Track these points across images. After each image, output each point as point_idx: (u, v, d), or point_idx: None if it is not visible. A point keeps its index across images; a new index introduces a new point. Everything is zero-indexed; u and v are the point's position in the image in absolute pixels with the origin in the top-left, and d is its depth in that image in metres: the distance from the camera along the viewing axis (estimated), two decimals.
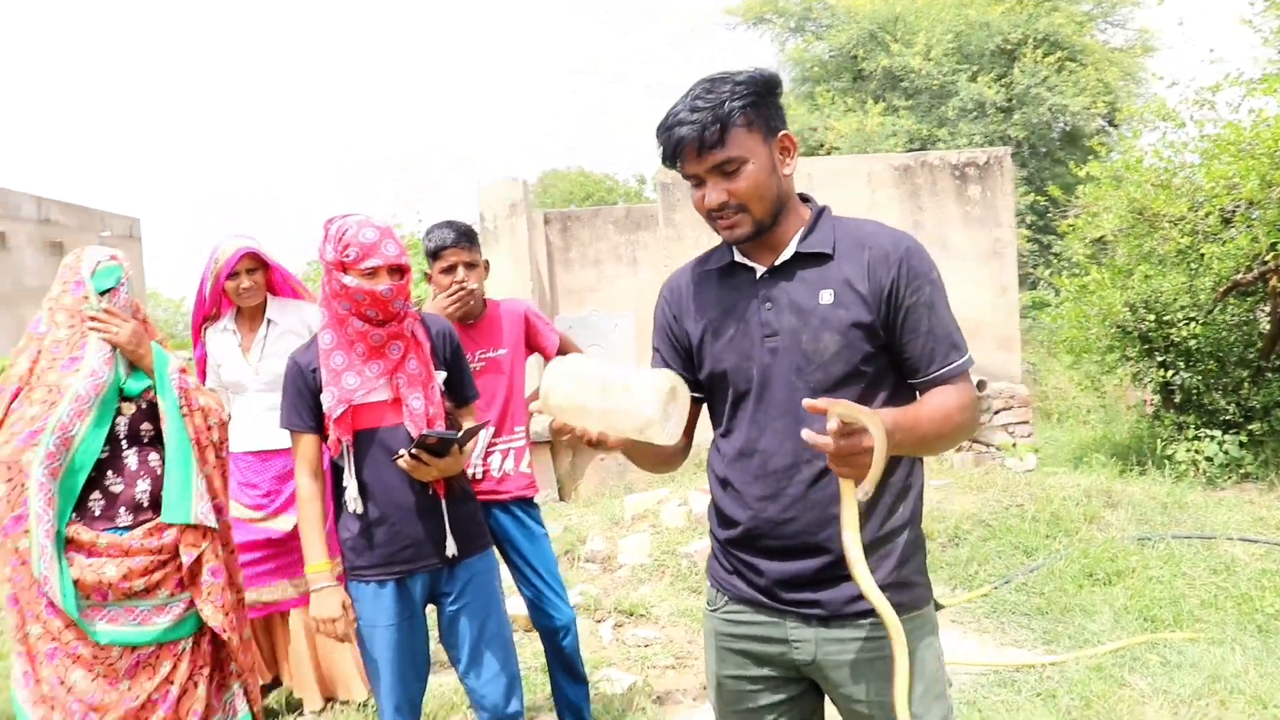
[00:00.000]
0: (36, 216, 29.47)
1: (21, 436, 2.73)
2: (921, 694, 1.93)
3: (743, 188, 1.85)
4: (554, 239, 9.68)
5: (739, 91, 1.83)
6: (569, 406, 1.78)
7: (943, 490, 6.22)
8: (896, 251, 1.88)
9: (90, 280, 2.88)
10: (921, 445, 1.84)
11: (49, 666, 2.74)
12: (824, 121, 18.58)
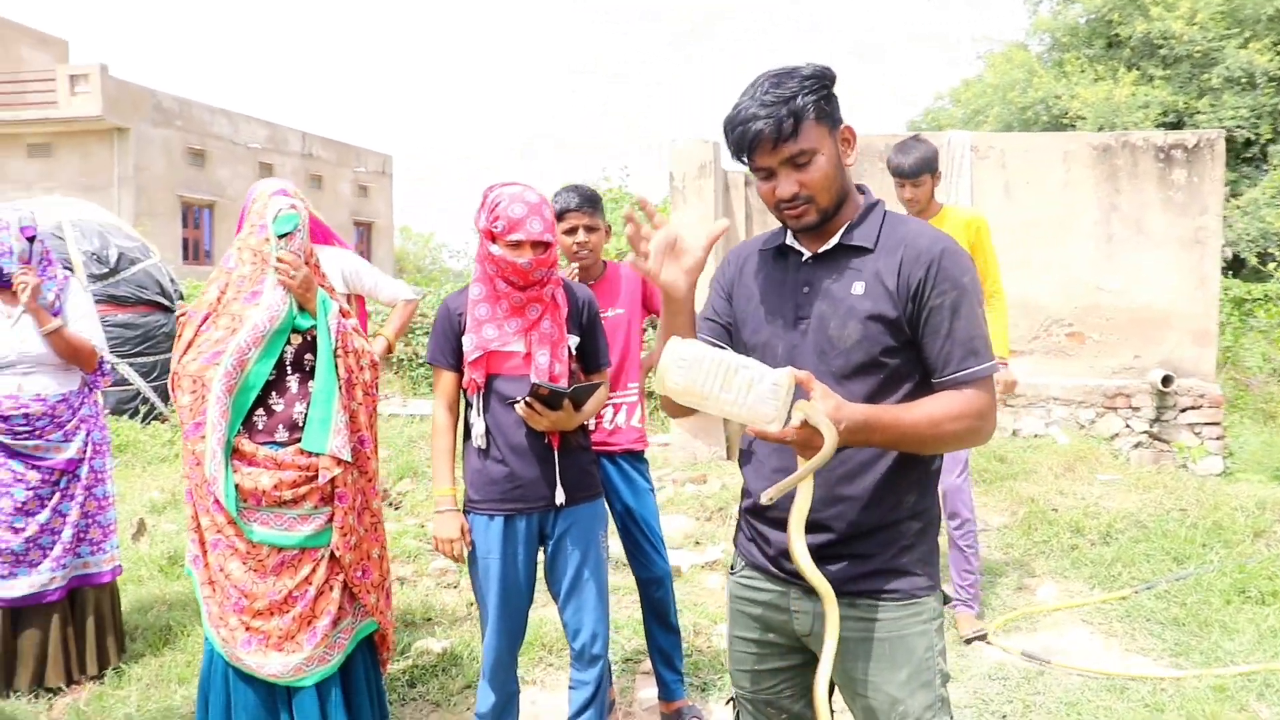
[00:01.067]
0: (300, 151, 31.99)
1: (206, 355, 3.17)
2: (906, 679, 1.99)
3: (813, 179, 1.92)
4: (754, 200, 9.78)
5: (808, 85, 1.90)
6: (685, 390, 1.82)
7: (1106, 486, 6.03)
8: (930, 253, 1.93)
9: (271, 225, 3.26)
10: (903, 445, 1.91)
11: (214, 554, 3.19)
12: (1069, 90, 17.65)
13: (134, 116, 25.24)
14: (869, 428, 1.79)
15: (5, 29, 27.68)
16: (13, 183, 25.37)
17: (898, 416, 1.85)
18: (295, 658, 3.14)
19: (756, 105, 1.89)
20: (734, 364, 1.79)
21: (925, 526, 2.03)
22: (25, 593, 3.86)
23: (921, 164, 4.28)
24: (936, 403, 1.90)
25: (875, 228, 2.00)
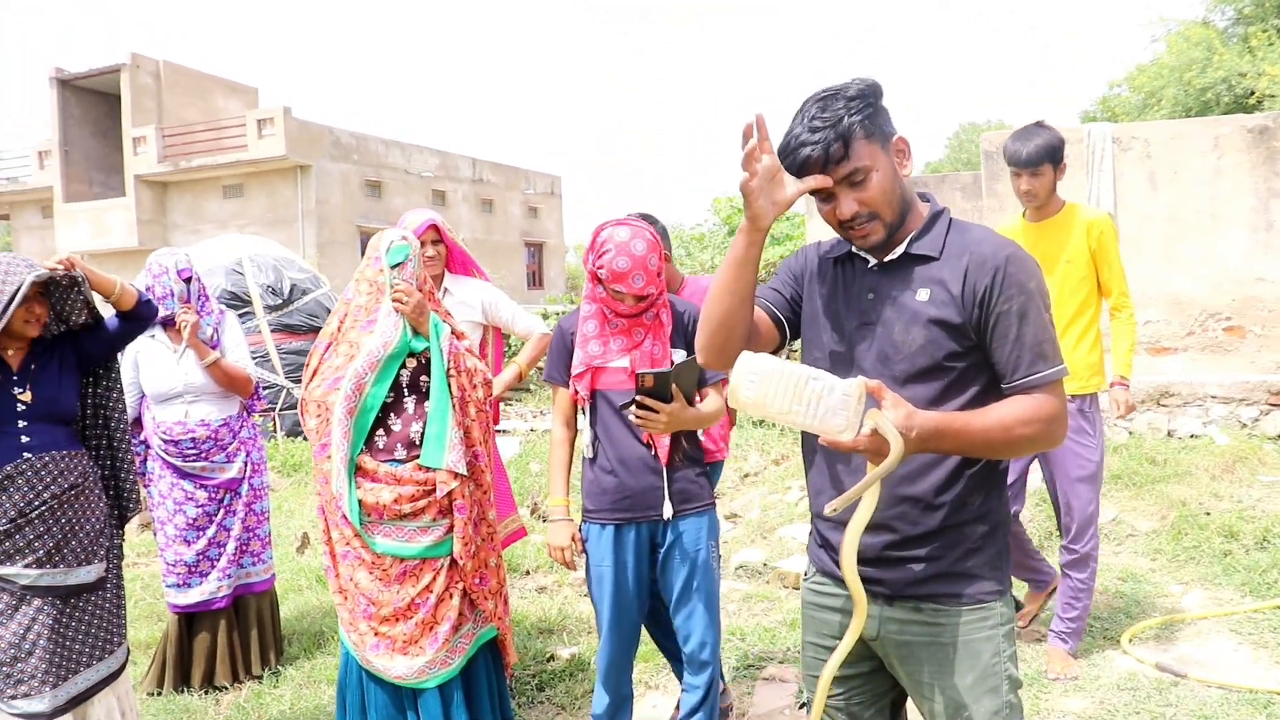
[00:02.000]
0: (471, 176, 33.25)
1: (329, 381, 3.46)
2: (972, 684, 2.01)
3: (871, 196, 1.95)
4: None
5: (854, 106, 1.93)
6: (756, 404, 1.85)
7: (1268, 489, 5.71)
8: (995, 259, 1.95)
9: (385, 256, 3.53)
10: (974, 450, 1.93)
11: (344, 565, 3.46)
12: (1255, 67, 16.64)
13: (314, 153, 26.78)
14: (940, 434, 1.83)
15: (204, 81, 29.89)
16: (210, 221, 27.36)
17: (968, 423, 1.87)
18: (419, 661, 3.38)
19: (805, 130, 1.94)
20: (804, 376, 1.81)
21: (993, 529, 2.05)
22: (197, 600, 4.27)
23: (1042, 152, 3.90)
24: (1006, 407, 1.91)
25: (941, 236, 2.03)
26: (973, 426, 1.87)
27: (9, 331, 3.21)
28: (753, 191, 1.96)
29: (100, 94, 28.44)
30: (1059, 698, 3.81)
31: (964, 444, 1.88)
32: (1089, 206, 4.30)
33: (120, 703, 3.43)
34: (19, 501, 3.19)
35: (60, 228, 28.17)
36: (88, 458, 3.44)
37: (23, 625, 3.17)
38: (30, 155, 29.52)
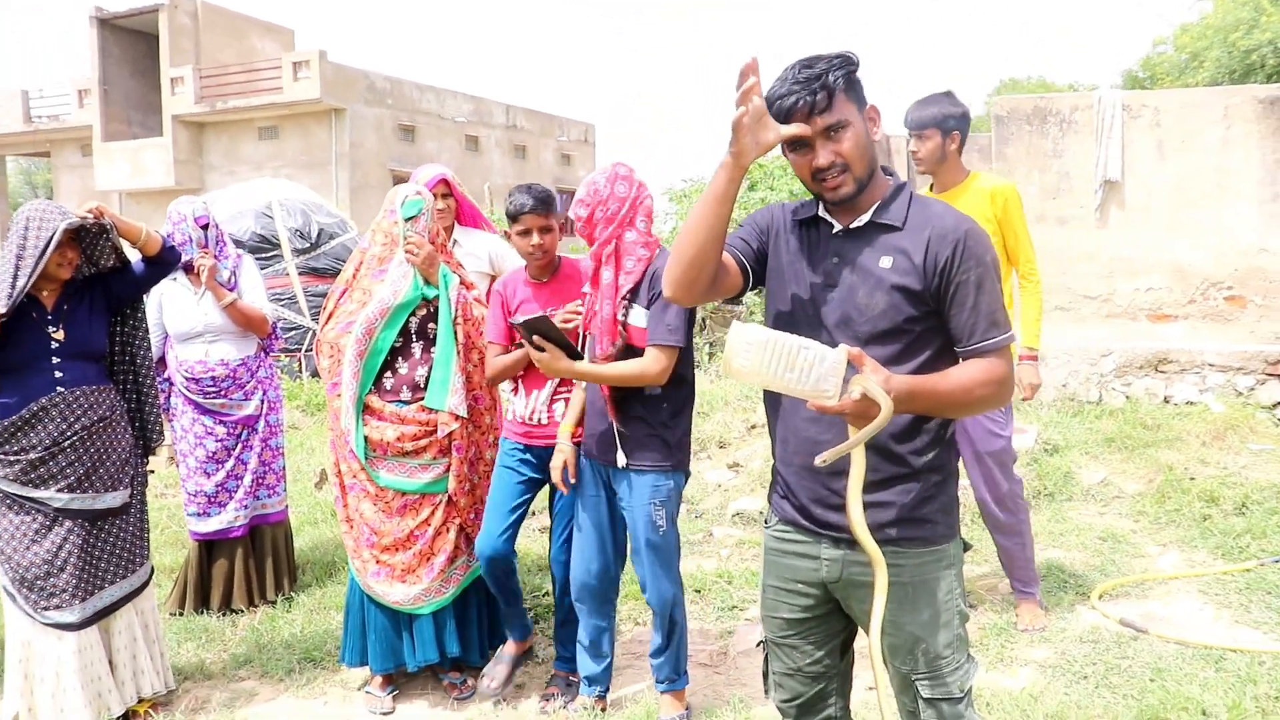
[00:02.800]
0: (505, 122, 33.30)
1: (341, 325, 3.71)
2: (928, 619, 2.18)
3: (847, 148, 2.09)
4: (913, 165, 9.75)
5: (836, 64, 2.08)
6: (752, 372, 1.96)
7: (1256, 456, 5.85)
8: (956, 233, 2.11)
9: (400, 210, 3.74)
10: (940, 410, 2.11)
11: (351, 495, 3.73)
12: None
13: (349, 97, 26.93)
14: (912, 395, 1.97)
15: (239, 22, 30.02)
16: (246, 163, 27.65)
17: (936, 385, 2.04)
18: (415, 589, 3.66)
19: (791, 83, 2.08)
20: (795, 345, 1.94)
21: (944, 479, 2.22)
22: (215, 528, 4.56)
23: (930, 119, 3.93)
24: (965, 371, 2.09)
25: (904, 208, 2.17)
26: (940, 388, 2.04)
27: (44, 274, 3.45)
28: (743, 128, 2.04)
29: (139, 34, 28.66)
30: (1024, 648, 4.01)
31: (931, 404, 2.05)
32: (992, 174, 4.14)
33: (142, 617, 3.72)
34: (52, 431, 3.45)
35: (99, 166, 28.57)
36: (115, 392, 3.69)
37: (55, 544, 3.45)
38: (70, 93, 29.86)
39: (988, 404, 2.14)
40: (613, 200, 3.30)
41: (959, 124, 3.95)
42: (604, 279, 3.34)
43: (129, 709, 3.62)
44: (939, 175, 4.01)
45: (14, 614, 3.51)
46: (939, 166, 3.98)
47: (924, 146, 3.95)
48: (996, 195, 3.93)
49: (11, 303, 3.32)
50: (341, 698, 3.85)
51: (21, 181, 48.60)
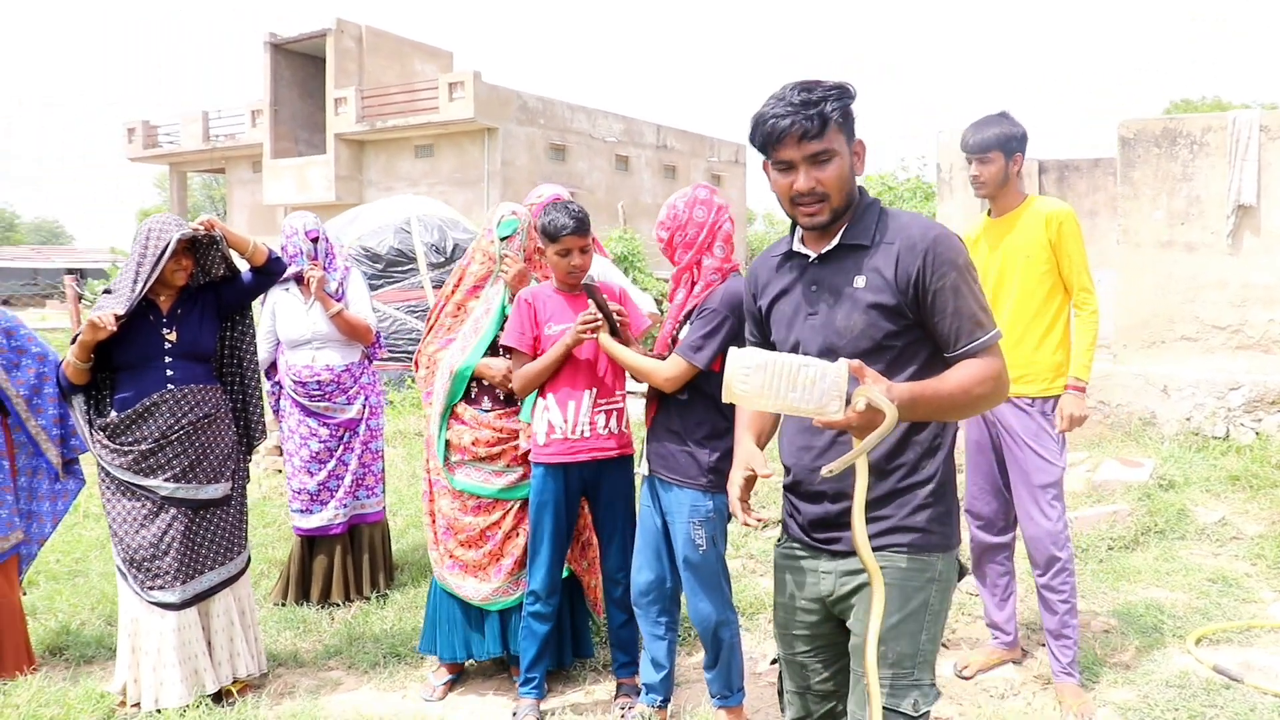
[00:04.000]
0: (655, 142, 33.73)
1: (441, 340, 3.98)
2: (895, 623, 2.16)
3: (829, 177, 2.13)
4: (1049, 188, 9.48)
5: (833, 94, 2.11)
6: (755, 394, 1.96)
7: None
8: (923, 242, 2.13)
9: (496, 229, 3.94)
10: (942, 413, 2.13)
11: (435, 490, 3.96)
12: None
13: (502, 116, 27.72)
14: (914, 401, 2.00)
15: (401, 45, 31.34)
16: (402, 179, 28.79)
17: (936, 388, 2.06)
18: (486, 586, 3.87)
19: (785, 106, 2.10)
20: (795, 364, 1.96)
21: (939, 489, 2.22)
22: (317, 525, 4.82)
23: (992, 140, 3.78)
24: (961, 372, 2.11)
25: (871, 225, 2.20)
26: (941, 391, 2.06)
27: (161, 280, 3.75)
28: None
29: (308, 57, 30.27)
30: (1105, 687, 3.88)
31: (933, 408, 2.07)
32: (1049, 198, 3.98)
33: (239, 603, 3.97)
34: (161, 425, 3.73)
35: (267, 182, 30.25)
36: (221, 391, 3.97)
37: (160, 529, 3.73)
38: (244, 114, 31.72)
39: (988, 401, 2.16)
40: (691, 226, 3.35)
41: (1020, 145, 3.83)
42: (676, 299, 3.43)
43: (223, 688, 3.86)
44: (999, 199, 3.87)
45: (125, 592, 3.80)
46: (1000, 190, 3.86)
47: (986, 170, 3.82)
48: (1052, 219, 3.79)
49: (129, 305, 3.62)
50: (420, 691, 4.02)
51: (203, 196, 51.78)
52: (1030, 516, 3.81)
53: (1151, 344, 7.24)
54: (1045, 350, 3.80)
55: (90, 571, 5.49)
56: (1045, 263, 3.77)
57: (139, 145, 34.44)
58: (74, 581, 5.27)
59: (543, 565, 3.66)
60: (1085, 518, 5.55)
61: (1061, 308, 3.84)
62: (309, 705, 3.81)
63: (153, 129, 34.45)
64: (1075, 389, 3.82)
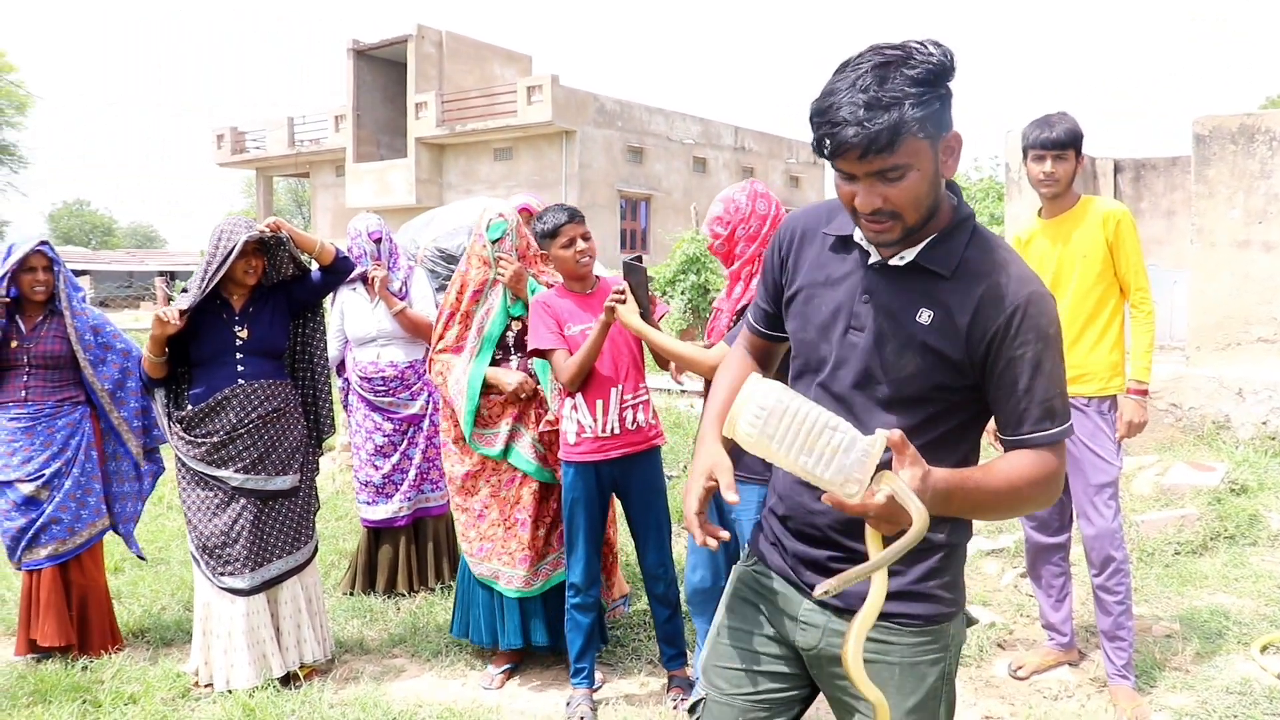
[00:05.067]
0: (733, 144, 33.69)
1: (450, 346, 4.09)
2: (911, 708, 1.86)
3: (901, 196, 1.67)
4: (1125, 188, 9.31)
5: (918, 93, 1.61)
6: (757, 444, 1.64)
7: None
8: (1015, 297, 1.72)
9: (486, 233, 4.03)
10: (979, 511, 1.76)
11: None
12: None
13: (579, 119, 27.94)
14: (950, 497, 1.61)
15: (481, 50, 31.79)
16: (482, 182, 29.19)
17: (980, 484, 1.68)
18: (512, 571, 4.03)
19: (851, 105, 1.61)
20: (820, 424, 1.59)
21: (951, 550, 1.89)
22: (382, 517, 4.97)
23: (1070, 135, 3.69)
24: (1013, 466, 1.73)
25: (957, 251, 1.77)
26: (985, 487, 1.68)
27: (232, 279, 3.92)
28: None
29: (389, 63, 30.88)
30: (1163, 692, 3.83)
31: (972, 505, 1.70)
32: (1105, 198, 3.88)
33: (306, 591, 4.12)
34: (232, 419, 3.90)
35: (349, 185, 30.93)
36: (291, 387, 4.13)
37: (231, 518, 3.90)
38: (328, 119, 32.47)
39: (1035, 505, 1.78)
40: (754, 218, 3.38)
41: (1082, 144, 3.80)
42: (734, 294, 3.45)
43: (290, 672, 4.01)
44: (1058, 198, 3.85)
45: (199, 578, 3.99)
46: (1065, 189, 3.82)
47: (1062, 167, 3.74)
48: (1109, 219, 3.75)
49: (193, 301, 3.81)
50: (479, 680, 4.13)
51: (289, 199, 53.09)
52: (1087, 516, 3.78)
53: (1226, 346, 7.07)
54: (1101, 350, 3.77)
55: (171, 559, 5.74)
56: (1102, 262, 3.74)
57: (227, 151, 35.49)
58: (156, 569, 5.50)
59: (580, 559, 3.75)
60: (1152, 521, 5.45)
61: (1117, 308, 3.82)
62: (372, 691, 3.94)
63: (240, 135, 35.47)
64: (1136, 393, 3.79)
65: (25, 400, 4.15)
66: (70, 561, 4.22)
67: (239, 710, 3.65)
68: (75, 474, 4.21)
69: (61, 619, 4.19)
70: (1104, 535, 3.73)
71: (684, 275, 14.38)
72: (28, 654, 4.23)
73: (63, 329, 4.20)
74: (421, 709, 3.78)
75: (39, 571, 4.17)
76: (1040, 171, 3.76)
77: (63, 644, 4.18)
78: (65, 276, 4.23)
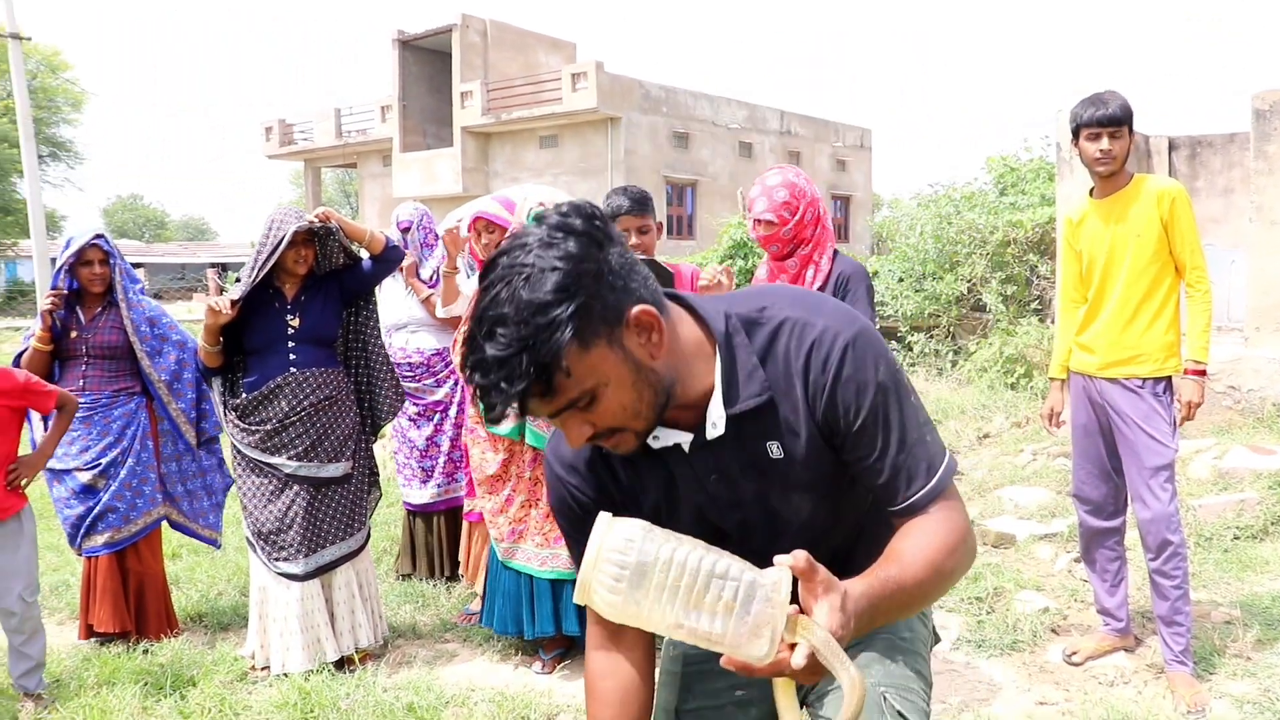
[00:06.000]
0: (779, 129, 33.47)
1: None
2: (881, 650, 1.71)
3: (604, 413, 1.41)
4: (1180, 166, 9.12)
5: (552, 311, 1.30)
6: (623, 608, 1.28)
7: None
8: (831, 366, 1.48)
9: (526, 220, 4.02)
10: (905, 612, 1.49)
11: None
12: None
13: (624, 106, 27.90)
14: (874, 613, 1.36)
15: (525, 38, 31.84)
16: (527, 170, 29.28)
17: (900, 583, 1.40)
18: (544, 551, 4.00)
19: (482, 362, 1.33)
20: (703, 572, 1.26)
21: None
22: (419, 502, 5.08)
23: (1124, 111, 3.60)
24: (921, 545, 1.46)
25: (755, 375, 1.51)
26: (906, 585, 1.41)
27: (283, 269, 3.97)
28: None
29: (434, 52, 31.01)
30: (1222, 679, 3.77)
31: (898, 608, 1.43)
32: (1158, 176, 3.78)
33: (359, 576, 4.17)
34: (285, 407, 3.95)
35: (396, 175, 31.14)
36: (343, 375, 4.17)
37: (285, 504, 3.96)
38: (374, 110, 32.70)
39: (960, 571, 1.51)
40: (816, 200, 3.42)
41: (1134, 120, 3.71)
42: (806, 277, 3.45)
43: (344, 656, 4.07)
44: (1112, 178, 3.78)
45: (255, 563, 4.06)
46: (1122, 168, 3.74)
47: (1119, 145, 3.66)
48: (1164, 197, 3.66)
49: (244, 290, 3.86)
50: (530, 665, 4.16)
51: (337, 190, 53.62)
52: (1143, 500, 3.71)
53: None
54: (1156, 331, 3.70)
55: (228, 546, 5.81)
56: (1156, 241, 3.67)
57: (276, 143, 35.88)
58: (212, 555, 5.60)
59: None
60: (1210, 506, 5.35)
61: (1172, 288, 3.74)
62: (424, 675, 3.99)
63: (289, 127, 35.84)
64: (1195, 373, 3.71)
65: (83, 390, 4.24)
66: (127, 549, 4.31)
67: (294, 693, 3.70)
68: (131, 463, 4.29)
69: (118, 605, 4.28)
70: (1160, 519, 3.66)
71: (730, 260, 14.33)
72: (88, 638, 4.33)
73: (120, 320, 4.28)
74: (474, 693, 3.82)
75: (97, 558, 4.26)
76: (1096, 150, 3.67)
77: (119, 629, 4.27)
78: (122, 268, 4.31)
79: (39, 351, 4.20)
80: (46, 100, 34.89)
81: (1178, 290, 3.77)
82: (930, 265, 11.74)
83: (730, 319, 1.52)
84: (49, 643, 3.96)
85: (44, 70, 35.32)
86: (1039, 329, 9.73)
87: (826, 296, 1.60)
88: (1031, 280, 10.86)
